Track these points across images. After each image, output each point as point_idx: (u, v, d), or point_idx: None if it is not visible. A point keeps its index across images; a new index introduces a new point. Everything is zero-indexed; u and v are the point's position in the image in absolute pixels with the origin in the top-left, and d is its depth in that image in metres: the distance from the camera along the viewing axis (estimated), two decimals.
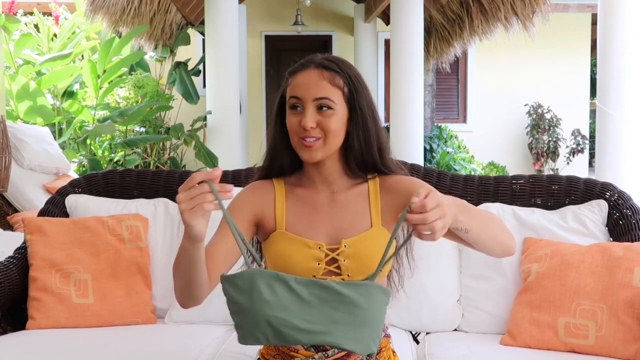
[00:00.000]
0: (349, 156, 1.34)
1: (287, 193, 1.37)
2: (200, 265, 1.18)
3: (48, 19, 6.57)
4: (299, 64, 1.34)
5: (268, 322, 1.06)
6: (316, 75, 1.29)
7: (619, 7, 4.10)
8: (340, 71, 1.30)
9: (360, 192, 1.35)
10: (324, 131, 1.28)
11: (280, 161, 1.38)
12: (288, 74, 1.34)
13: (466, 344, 1.81)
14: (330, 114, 1.28)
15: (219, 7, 5.53)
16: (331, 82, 1.29)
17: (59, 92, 5.73)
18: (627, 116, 4.07)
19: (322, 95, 1.28)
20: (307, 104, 1.28)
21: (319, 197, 1.35)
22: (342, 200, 1.34)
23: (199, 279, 1.20)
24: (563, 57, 9.07)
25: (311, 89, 1.28)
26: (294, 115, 1.30)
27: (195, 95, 6.84)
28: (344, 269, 1.28)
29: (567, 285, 1.75)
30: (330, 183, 1.36)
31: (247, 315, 1.08)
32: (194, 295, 1.23)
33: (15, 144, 3.81)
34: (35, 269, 1.96)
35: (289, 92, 1.31)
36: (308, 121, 1.26)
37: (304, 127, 1.27)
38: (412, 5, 5.83)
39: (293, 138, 1.31)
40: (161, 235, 2.11)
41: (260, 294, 1.07)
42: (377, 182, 1.37)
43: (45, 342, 1.79)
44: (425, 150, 7.30)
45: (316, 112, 1.28)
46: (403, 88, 5.79)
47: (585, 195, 1.99)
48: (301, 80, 1.30)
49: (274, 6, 8.90)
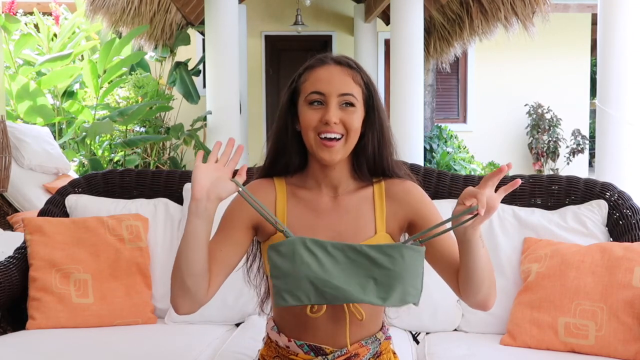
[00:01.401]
0: (360, 159, 1.31)
1: (289, 194, 1.32)
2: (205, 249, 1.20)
3: (48, 19, 6.57)
4: (316, 59, 1.30)
5: (310, 282, 1.12)
6: (339, 70, 1.26)
7: (619, 7, 4.10)
8: (360, 70, 1.29)
9: (365, 196, 1.32)
10: (346, 129, 1.25)
11: (286, 160, 1.33)
12: (304, 69, 1.30)
13: (466, 344, 1.81)
14: (352, 112, 1.25)
15: (219, 7, 5.53)
16: (354, 79, 1.27)
17: (59, 92, 5.74)
18: (627, 116, 4.07)
19: (347, 91, 1.25)
20: (330, 99, 1.24)
21: (322, 200, 1.31)
22: (346, 204, 1.30)
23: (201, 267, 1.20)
24: (563, 57, 9.06)
25: (335, 84, 1.25)
26: (314, 110, 1.25)
27: (195, 95, 6.84)
28: None
29: (567, 285, 1.75)
30: (336, 186, 1.32)
31: (289, 277, 1.13)
32: (192, 291, 1.20)
33: (15, 144, 3.82)
34: (35, 269, 1.96)
35: (307, 87, 1.27)
36: (332, 115, 1.23)
37: (327, 122, 1.23)
38: (412, 5, 5.83)
39: (309, 135, 1.26)
40: (161, 235, 2.11)
41: (301, 257, 1.13)
42: (383, 186, 1.33)
43: (45, 342, 1.79)
44: (425, 150, 7.30)
45: (339, 108, 1.25)
46: (403, 88, 5.78)
47: (585, 195, 1.99)
48: (323, 75, 1.26)
49: (274, 6, 8.90)
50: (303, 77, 1.29)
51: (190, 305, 1.23)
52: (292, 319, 1.30)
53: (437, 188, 2.12)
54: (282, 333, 1.31)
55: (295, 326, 1.29)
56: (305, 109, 1.27)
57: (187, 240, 1.19)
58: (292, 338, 1.29)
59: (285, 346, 1.30)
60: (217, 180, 1.20)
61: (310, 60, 1.31)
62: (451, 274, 1.27)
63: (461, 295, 1.27)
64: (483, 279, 1.21)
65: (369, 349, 1.30)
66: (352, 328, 1.27)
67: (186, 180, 2.22)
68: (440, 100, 8.93)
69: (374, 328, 1.33)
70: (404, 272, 1.13)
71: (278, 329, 1.33)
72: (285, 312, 1.30)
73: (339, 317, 1.26)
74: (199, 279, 1.20)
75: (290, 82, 1.32)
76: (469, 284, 1.22)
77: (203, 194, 1.18)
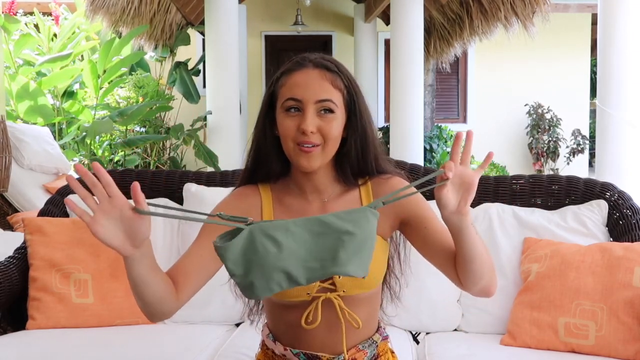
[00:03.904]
0: (343, 163, 1.25)
1: (274, 201, 1.27)
2: (155, 279, 1.10)
3: (48, 19, 6.57)
4: (294, 62, 1.23)
5: (281, 271, 1.00)
6: (317, 75, 1.20)
7: (619, 7, 4.10)
8: (341, 73, 1.22)
9: (352, 199, 1.27)
10: (323, 137, 1.18)
11: (266, 167, 1.26)
12: (281, 73, 1.24)
13: (466, 344, 1.81)
14: (331, 119, 1.19)
15: (219, 7, 5.53)
16: (333, 83, 1.20)
17: (59, 92, 5.74)
18: (627, 116, 4.07)
19: (325, 97, 1.18)
20: (307, 106, 1.18)
21: (310, 208, 1.26)
22: (333, 210, 1.24)
23: (158, 294, 1.12)
24: (563, 57, 9.06)
25: (312, 90, 1.18)
26: (290, 118, 1.19)
27: (196, 95, 6.84)
28: (339, 285, 1.21)
29: (567, 285, 1.75)
30: (321, 192, 1.27)
31: (255, 273, 0.99)
32: (157, 309, 1.15)
33: (15, 144, 3.82)
34: (35, 269, 1.96)
35: (284, 92, 1.20)
36: (309, 124, 1.16)
37: (303, 131, 1.16)
38: (412, 5, 5.83)
39: (288, 144, 1.20)
40: (161, 235, 2.11)
41: (265, 248, 0.99)
42: (369, 187, 1.29)
43: (45, 342, 1.79)
44: (425, 150, 7.30)
45: (316, 115, 1.18)
46: (403, 88, 5.78)
47: (585, 195, 1.99)
48: (299, 80, 1.20)
49: (274, 6, 8.90)
50: (280, 81, 1.23)
51: (160, 317, 1.18)
52: (287, 328, 1.27)
53: None
54: (277, 342, 1.29)
55: (291, 335, 1.27)
56: (282, 116, 1.20)
57: (135, 283, 1.09)
58: (288, 347, 1.27)
59: (281, 354, 1.28)
60: (125, 224, 1.02)
61: (288, 63, 1.24)
62: (450, 267, 1.22)
63: (463, 287, 1.23)
64: (482, 265, 1.17)
65: (366, 352, 1.28)
66: (348, 334, 1.24)
67: (186, 180, 2.22)
68: (440, 100, 8.93)
69: (370, 331, 1.31)
70: (366, 236, 1.03)
71: (274, 338, 1.30)
72: (280, 321, 1.28)
73: (334, 325, 1.23)
74: (161, 300, 1.13)
75: (269, 85, 1.25)
76: (469, 273, 1.18)
77: (128, 249, 1.03)
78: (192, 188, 2.14)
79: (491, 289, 1.23)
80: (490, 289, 1.23)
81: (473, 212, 2.01)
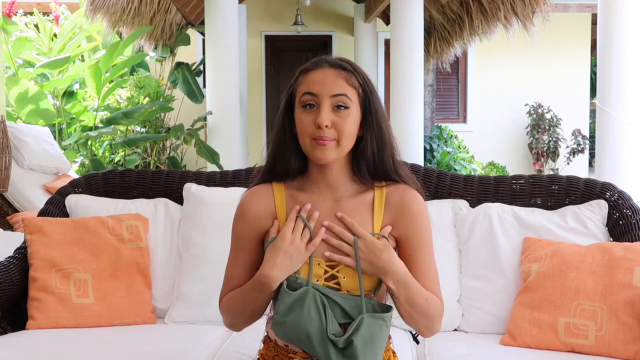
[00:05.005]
0: (359, 161, 1.30)
1: (287, 198, 1.32)
2: None
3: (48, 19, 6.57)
4: (312, 62, 1.30)
5: (307, 334, 1.19)
6: (332, 73, 1.26)
7: (619, 7, 4.10)
8: (356, 72, 1.28)
9: (365, 201, 1.31)
10: (338, 132, 1.24)
11: (285, 164, 1.32)
12: (299, 72, 1.30)
13: (466, 344, 1.81)
14: (346, 114, 1.24)
15: (219, 7, 5.53)
16: (347, 81, 1.25)
17: (59, 93, 5.74)
18: (627, 116, 4.07)
19: (340, 92, 1.24)
20: (323, 101, 1.24)
21: (322, 204, 1.30)
22: (345, 209, 1.29)
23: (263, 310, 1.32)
24: (563, 57, 9.06)
25: (328, 86, 1.24)
26: (307, 113, 1.25)
27: (199, 94, 6.84)
28: (343, 285, 1.25)
29: (567, 285, 1.75)
30: (335, 189, 1.31)
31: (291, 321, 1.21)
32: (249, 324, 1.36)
33: (15, 144, 3.82)
34: (35, 269, 1.96)
35: (302, 89, 1.27)
36: (324, 118, 1.22)
37: (319, 125, 1.22)
38: (412, 5, 5.83)
39: (304, 139, 1.25)
40: (161, 235, 2.12)
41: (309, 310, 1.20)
42: (384, 192, 1.31)
43: (45, 342, 1.79)
44: (425, 150, 7.30)
45: (332, 111, 1.24)
46: (403, 88, 5.78)
47: (585, 195, 1.99)
48: (316, 77, 1.26)
49: (274, 6, 8.90)
50: (298, 80, 1.29)
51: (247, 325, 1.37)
52: None
53: (437, 188, 2.12)
54: None
55: None
56: (299, 112, 1.26)
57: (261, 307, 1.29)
58: None
59: (284, 345, 1.30)
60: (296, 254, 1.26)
61: (306, 63, 1.31)
62: None
63: None
64: (415, 322, 1.29)
65: None
66: None
67: (186, 180, 2.22)
68: (440, 100, 8.93)
69: None
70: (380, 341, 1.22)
71: None
72: None
73: None
74: None
75: (289, 86, 1.32)
76: (409, 321, 1.30)
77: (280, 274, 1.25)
78: (192, 188, 2.14)
79: (427, 335, 1.34)
80: (426, 335, 1.34)
81: (473, 212, 2.01)
